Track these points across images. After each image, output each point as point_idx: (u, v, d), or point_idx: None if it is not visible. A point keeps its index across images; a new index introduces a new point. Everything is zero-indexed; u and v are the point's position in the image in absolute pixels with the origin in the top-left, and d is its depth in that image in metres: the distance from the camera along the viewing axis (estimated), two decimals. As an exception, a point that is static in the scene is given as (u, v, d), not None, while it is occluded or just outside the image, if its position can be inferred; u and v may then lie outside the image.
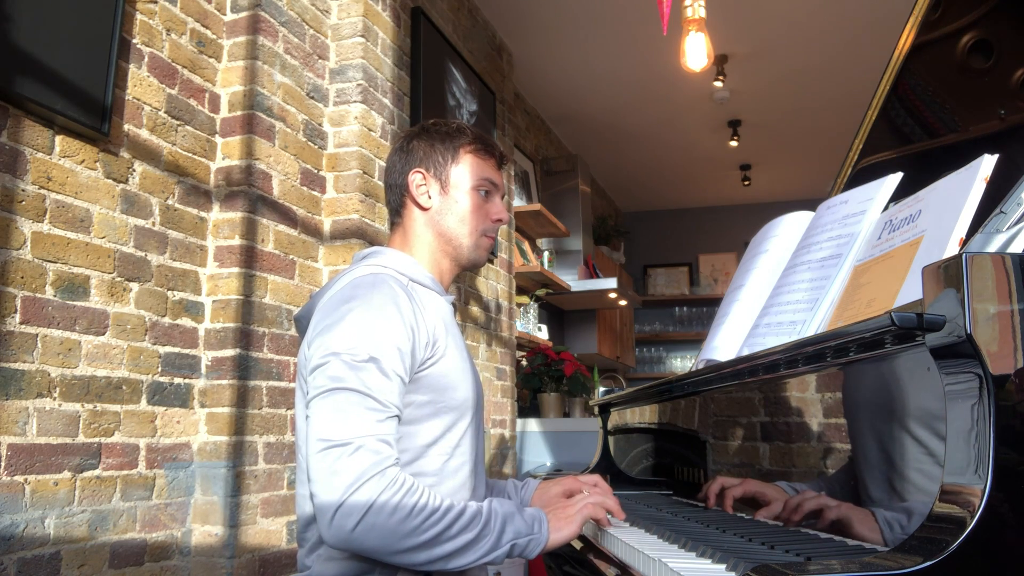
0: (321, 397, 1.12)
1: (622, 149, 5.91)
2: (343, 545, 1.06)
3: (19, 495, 1.61)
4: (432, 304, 1.30)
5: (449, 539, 1.08)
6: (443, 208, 1.37)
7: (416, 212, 1.39)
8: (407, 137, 1.42)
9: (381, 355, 1.14)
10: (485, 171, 1.39)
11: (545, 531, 1.18)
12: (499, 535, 1.13)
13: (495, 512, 1.15)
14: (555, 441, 4.04)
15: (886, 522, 0.85)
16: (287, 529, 2.24)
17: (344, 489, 1.04)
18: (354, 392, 1.11)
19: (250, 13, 2.30)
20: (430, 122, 1.44)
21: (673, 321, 7.21)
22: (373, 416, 1.11)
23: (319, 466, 1.07)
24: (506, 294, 3.78)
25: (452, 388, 1.26)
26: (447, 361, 1.26)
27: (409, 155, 1.39)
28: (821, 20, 4.05)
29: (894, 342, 0.82)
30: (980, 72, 1.53)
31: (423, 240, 1.38)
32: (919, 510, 0.79)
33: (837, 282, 1.19)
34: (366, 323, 1.16)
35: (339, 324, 1.17)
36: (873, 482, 0.89)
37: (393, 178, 1.41)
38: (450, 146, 1.38)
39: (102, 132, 1.82)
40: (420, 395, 1.22)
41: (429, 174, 1.38)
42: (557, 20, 4.04)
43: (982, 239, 0.91)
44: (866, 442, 0.90)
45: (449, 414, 1.26)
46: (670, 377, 1.54)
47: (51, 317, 1.70)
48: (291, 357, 2.32)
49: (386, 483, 1.06)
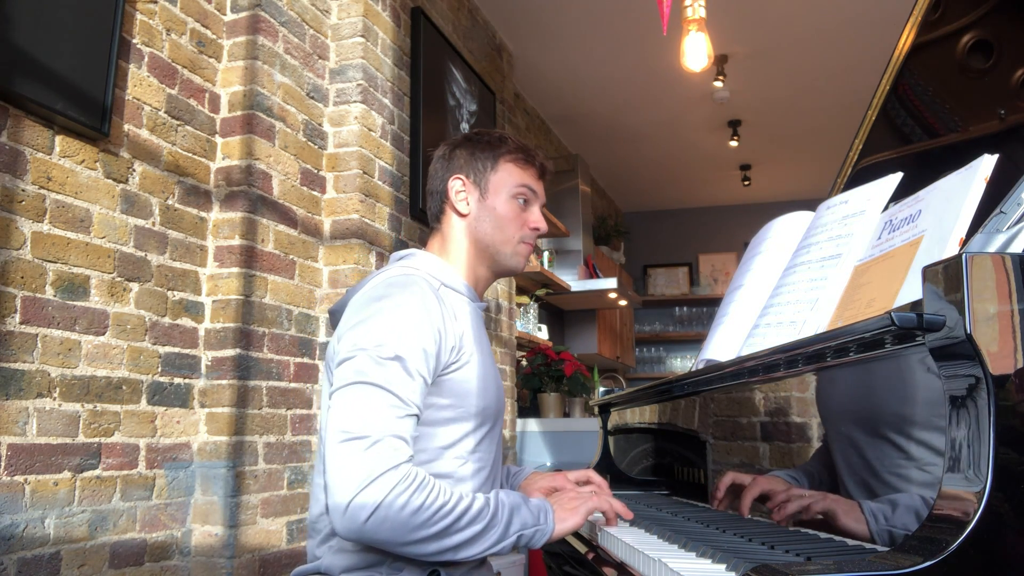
0: (344, 390, 1.15)
1: (622, 149, 5.91)
2: (354, 536, 1.09)
3: (19, 495, 1.61)
4: (462, 310, 1.32)
5: (458, 531, 1.11)
6: (481, 215, 1.39)
7: (455, 218, 1.40)
8: (451, 145, 1.44)
9: (406, 354, 1.16)
10: (524, 179, 1.41)
11: (551, 522, 1.20)
12: (506, 526, 1.15)
13: (502, 504, 1.17)
14: (555, 441, 4.04)
15: (885, 522, 0.85)
16: (287, 529, 2.24)
17: (359, 483, 1.06)
18: (376, 387, 1.13)
19: (250, 13, 2.30)
20: (474, 132, 1.46)
21: (673, 321, 7.21)
22: (393, 412, 1.13)
23: (336, 457, 1.09)
24: (506, 294, 3.78)
25: (473, 395, 1.28)
26: (471, 368, 1.28)
27: (450, 162, 1.42)
28: (821, 20, 4.05)
29: (894, 342, 0.82)
30: (980, 72, 1.53)
31: (460, 246, 1.40)
32: (919, 510, 0.79)
33: (837, 282, 1.19)
34: (394, 322, 1.19)
35: (368, 321, 1.19)
36: (872, 482, 0.89)
37: (434, 185, 1.43)
38: (491, 154, 1.40)
39: (102, 132, 1.82)
40: (441, 398, 1.24)
41: (469, 181, 1.40)
42: (557, 20, 4.04)
43: (982, 239, 0.91)
44: (866, 442, 0.90)
45: (469, 420, 1.28)
46: (670, 377, 1.54)
47: (51, 317, 1.70)
48: (291, 357, 2.32)
49: (399, 478, 1.08)
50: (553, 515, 1.21)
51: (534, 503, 1.21)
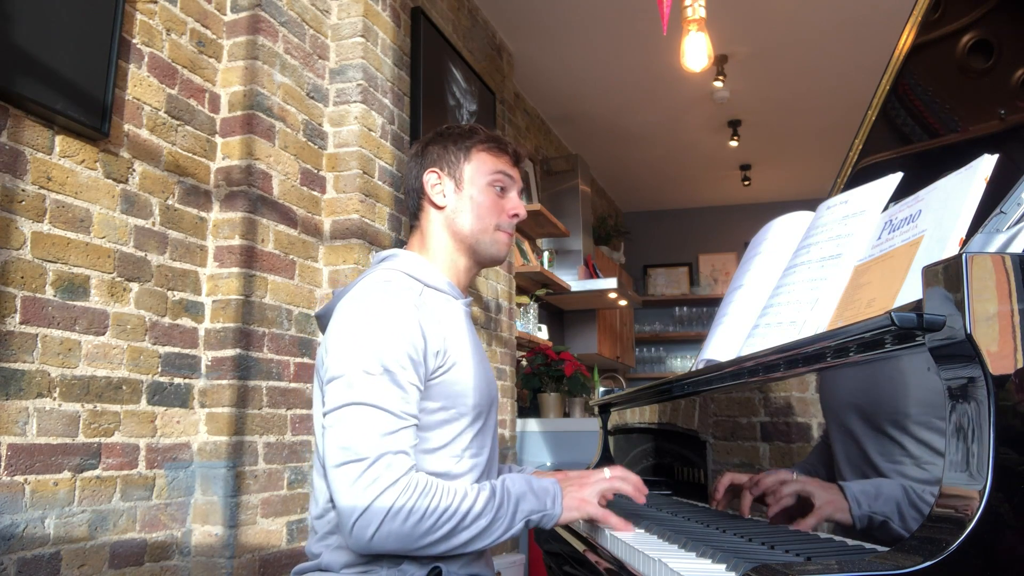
0: (336, 413, 1.17)
1: (622, 149, 5.91)
2: (365, 550, 1.13)
3: (19, 495, 1.61)
4: (445, 310, 1.32)
5: (464, 529, 1.14)
6: (458, 206, 1.39)
7: (433, 213, 1.41)
8: (423, 143, 1.45)
9: (393, 367, 1.17)
10: (499, 165, 1.41)
11: (558, 507, 1.22)
12: (512, 515, 1.18)
13: (508, 492, 1.19)
14: (555, 441, 4.04)
15: (885, 522, 0.85)
16: (287, 529, 2.24)
17: (361, 502, 1.10)
18: (368, 407, 1.15)
19: (250, 13, 2.30)
20: (444, 127, 1.46)
21: (673, 321, 7.21)
22: (388, 428, 1.15)
23: (338, 480, 1.13)
24: (506, 294, 3.78)
25: (464, 395, 1.28)
26: (459, 369, 1.28)
27: (424, 158, 1.42)
28: (821, 20, 4.05)
29: (894, 342, 0.82)
30: (980, 72, 1.53)
31: (440, 240, 1.40)
32: (919, 510, 0.79)
33: (837, 282, 1.19)
34: (377, 334, 1.19)
35: (352, 337, 1.20)
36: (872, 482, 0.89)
37: (410, 183, 1.44)
38: (463, 145, 1.41)
39: (102, 132, 1.82)
40: (432, 402, 1.25)
41: (443, 173, 1.40)
42: (557, 20, 4.04)
43: (982, 239, 0.91)
44: (866, 442, 0.90)
45: (461, 420, 1.28)
46: (670, 377, 1.54)
47: (51, 317, 1.70)
48: (291, 357, 2.32)
49: (399, 492, 1.11)
50: (562, 500, 1.22)
51: (541, 487, 1.22)
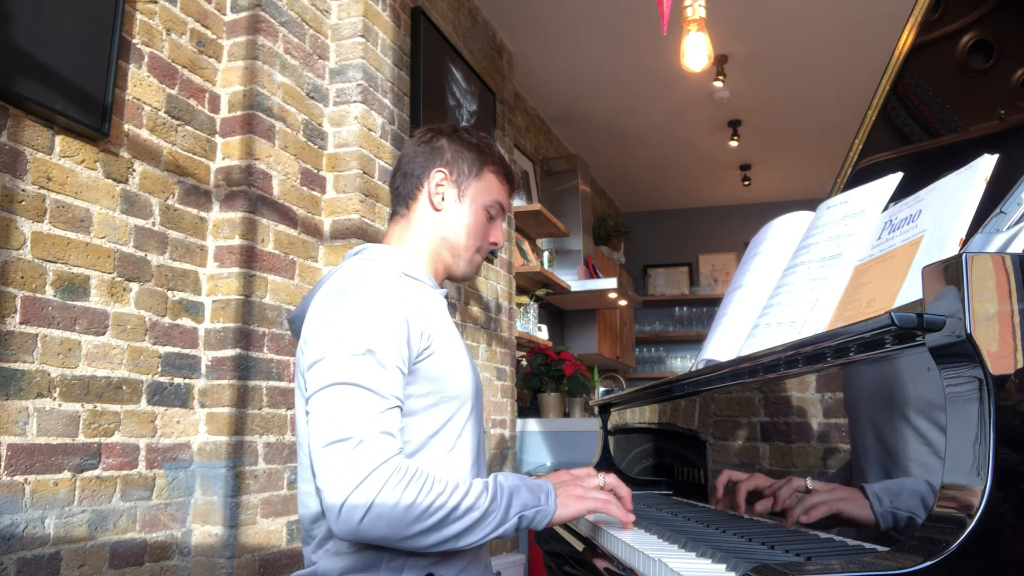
0: (320, 393, 1.13)
1: (622, 149, 5.91)
2: (352, 537, 1.08)
3: (19, 495, 1.61)
4: (424, 297, 1.29)
5: (456, 519, 1.09)
6: (453, 216, 1.38)
7: (426, 209, 1.39)
8: (436, 132, 1.42)
9: (377, 347, 1.14)
10: (502, 196, 1.42)
11: (552, 503, 1.18)
12: (506, 510, 1.14)
13: (501, 487, 1.15)
14: (555, 441, 4.04)
15: (885, 522, 0.85)
16: (287, 529, 2.24)
17: (349, 484, 1.05)
18: (352, 386, 1.12)
19: (250, 13, 2.30)
20: (461, 127, 1.44)
21: (673, 321, 7.21)
22: (373, 409, 1.11)
23: (323, 463, 1.08)
24: (506, 294, 3.78)
25: (450, 377, 1.26)
26: (443, 353, 1.26)
27: (436, 152, 1.40)
28: (821, 20, 4.05)
29: (894, 342, 0.82)
30: (980, 72, 1.53)
31: (424, 236, 1.39)
32: (919, 510, 0.79)
33: (837, 282, 1.19)
34: (360, 316, 1.16)
35: (333, 319, 1.17)
36: (873, 482, 0.89)
37: (412, 167, 1.40)
38: (478, 159, 1.40)
39: (102, 132, 1.82)
40: (418, 386, 1.22)
41: (451, 178, 1.39)
42: (557, 20, 4.04)
43: (982, 239, 0.91)
44: (866, 442, 0.90)
45: (449, 403, 1.26)
46: (670, 377, 1.54)
47: (51, 317, 1.70)
48: (291, 357, 2.32)
49: (389, 473, 1.07)
50: (556, 497, 1.19)
51: (534, 483, 1.19)
